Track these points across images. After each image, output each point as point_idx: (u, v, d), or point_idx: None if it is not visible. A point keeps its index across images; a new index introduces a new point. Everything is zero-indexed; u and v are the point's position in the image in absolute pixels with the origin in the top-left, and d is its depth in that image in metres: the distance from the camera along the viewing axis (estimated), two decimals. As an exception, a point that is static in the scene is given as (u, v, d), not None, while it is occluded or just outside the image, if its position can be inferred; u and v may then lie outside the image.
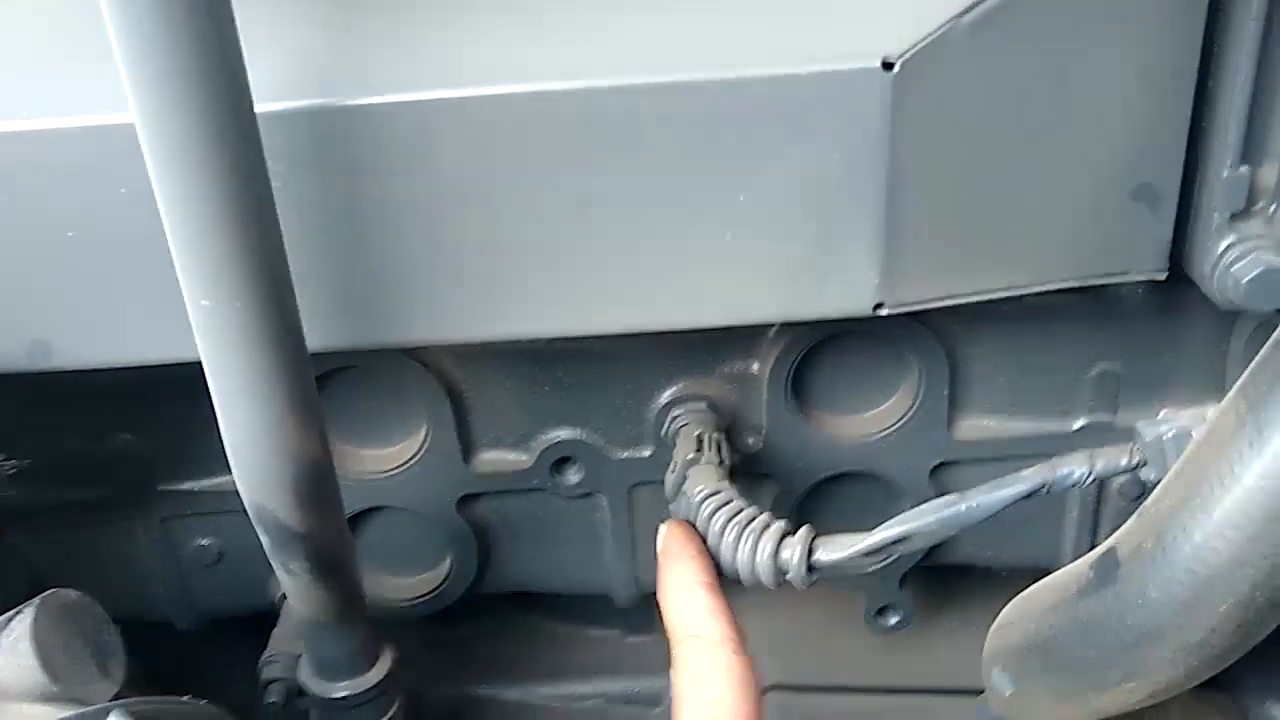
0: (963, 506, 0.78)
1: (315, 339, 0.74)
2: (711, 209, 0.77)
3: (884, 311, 0.81)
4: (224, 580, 1.01)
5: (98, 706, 0.66)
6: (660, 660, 1.17)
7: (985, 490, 0.79)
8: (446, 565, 1.02)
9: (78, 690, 0.67)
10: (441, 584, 1.02)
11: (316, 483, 0.75)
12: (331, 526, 0.79)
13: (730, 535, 0.81)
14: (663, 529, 0.83)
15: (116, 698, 0.69)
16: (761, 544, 0.80)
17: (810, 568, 0.79)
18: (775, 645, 1.10)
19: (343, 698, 0.90)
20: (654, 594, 0.84)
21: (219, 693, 1.03)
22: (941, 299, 0.82)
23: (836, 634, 1.13)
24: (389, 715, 0.93)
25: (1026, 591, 0.79)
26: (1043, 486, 0.78)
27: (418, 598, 1.02)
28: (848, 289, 0.80)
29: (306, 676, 0.91)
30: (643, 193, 0.76)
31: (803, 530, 0.80)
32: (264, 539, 0.77)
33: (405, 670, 0.96)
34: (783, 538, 0.80)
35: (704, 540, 0.82)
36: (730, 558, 0.81)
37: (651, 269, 0.79)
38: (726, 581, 0.81)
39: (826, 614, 1.13)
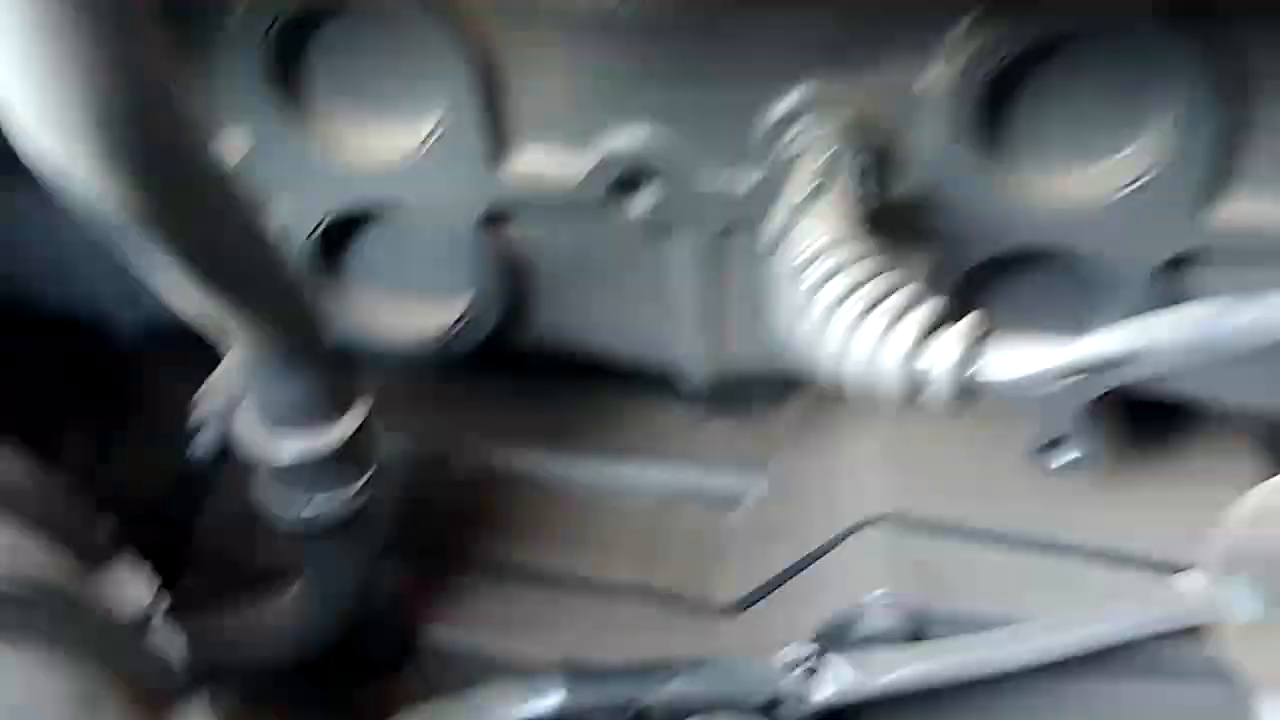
0: (1227, 325, 0.49)
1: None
2: None
3: None
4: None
5: None
6: (744, 452, 0.94)
7: (1262, 304, 0.48)
8: (464, 302, 0.75)
9: None
10: (458, 323, 0.76)
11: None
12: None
13: (847, 315, 0.52)
14: None
15: None
16: (894, 338, 0.51)
17: (967, 384, 0.50)
18: (893, 457, 0.83)
19: (286, 458, 0.66)
20: (737, 376, 0.71)
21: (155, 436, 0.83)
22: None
23: (980, 459, 0.84)
24: (356, 487, 0.69)
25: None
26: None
27: (427, 336, 0.77)
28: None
29: (244, 425, 0.67)
30: None
31: (966, 321, 0.51)
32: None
33: (403, 417, 0.77)
34: (933, 328, 0.51)
35: None
36: (836, 356, 0.52)
37: None
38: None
39: (969, 429, 0.84)
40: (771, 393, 0.93)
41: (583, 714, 0.77)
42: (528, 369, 0.93)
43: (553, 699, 0.76)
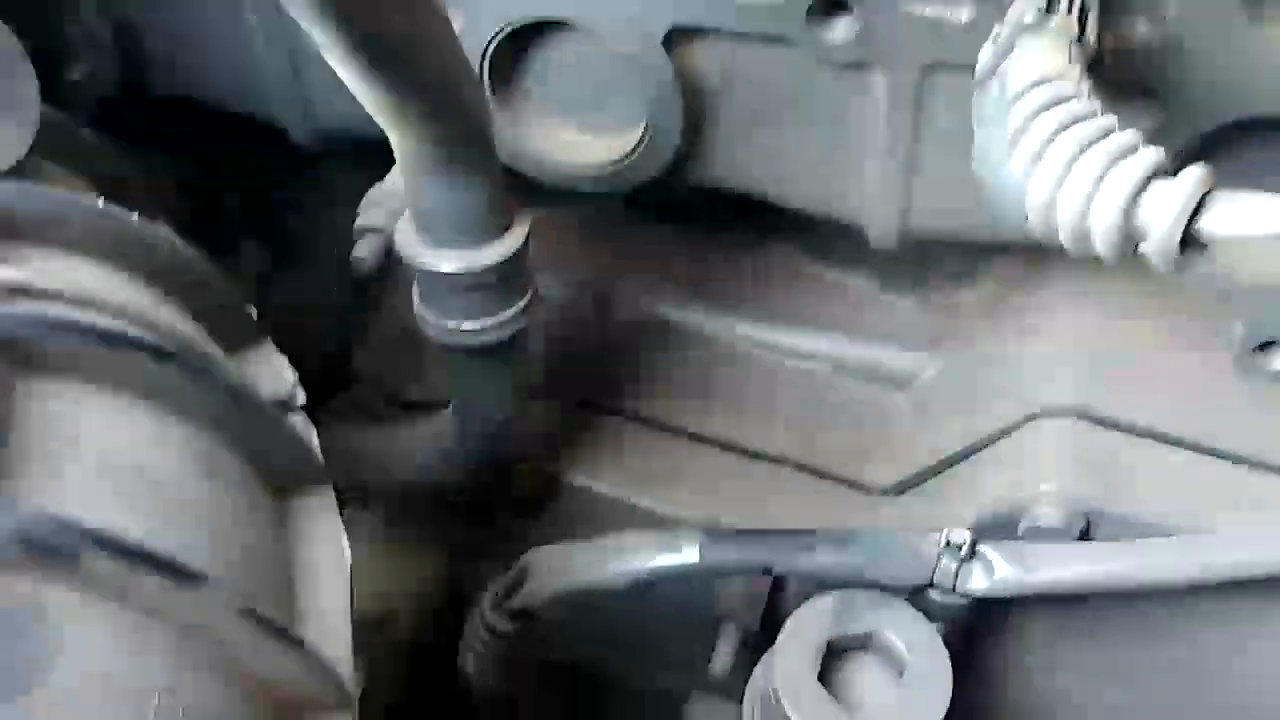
0: None
1: None
2: None
3: None
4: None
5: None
6: (920, 330, 0.88)
7: None
8: (640, 130, 0.70)
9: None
10: (631, 153, 0.71)
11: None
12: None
13: (1062, 153, 0.46)
14: None
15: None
16: (1114, 177, 0.45)
17: (1189, 237, 0.44)
18: (1083, 344, 0.76)
19: (446, 273, 0.63)
20: (924, 237, 0.67)
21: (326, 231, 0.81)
22: None
23: (1175, 361, 0.76)
24: (512, 311, 0.66)
25: None
26: None
27: (598, 166, 0.72)
28: None
29: (403, 233, 0.65)
30: None
31: (1190, 172, 0.45)
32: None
33: (563, 261, 0.75)
34: (1153, 176, 0.45)
35: None
36: (1047, 196, 0.46)
37: None
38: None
39: (1166, 328, 0.77)
40: (954, 272, 0.87)
41: (716, 573, 0.75)
42: (698, 221, 0.89)
43: (687, 555, 0.73)
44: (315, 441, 0.48)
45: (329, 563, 0.45)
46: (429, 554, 0.87)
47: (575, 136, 0.74)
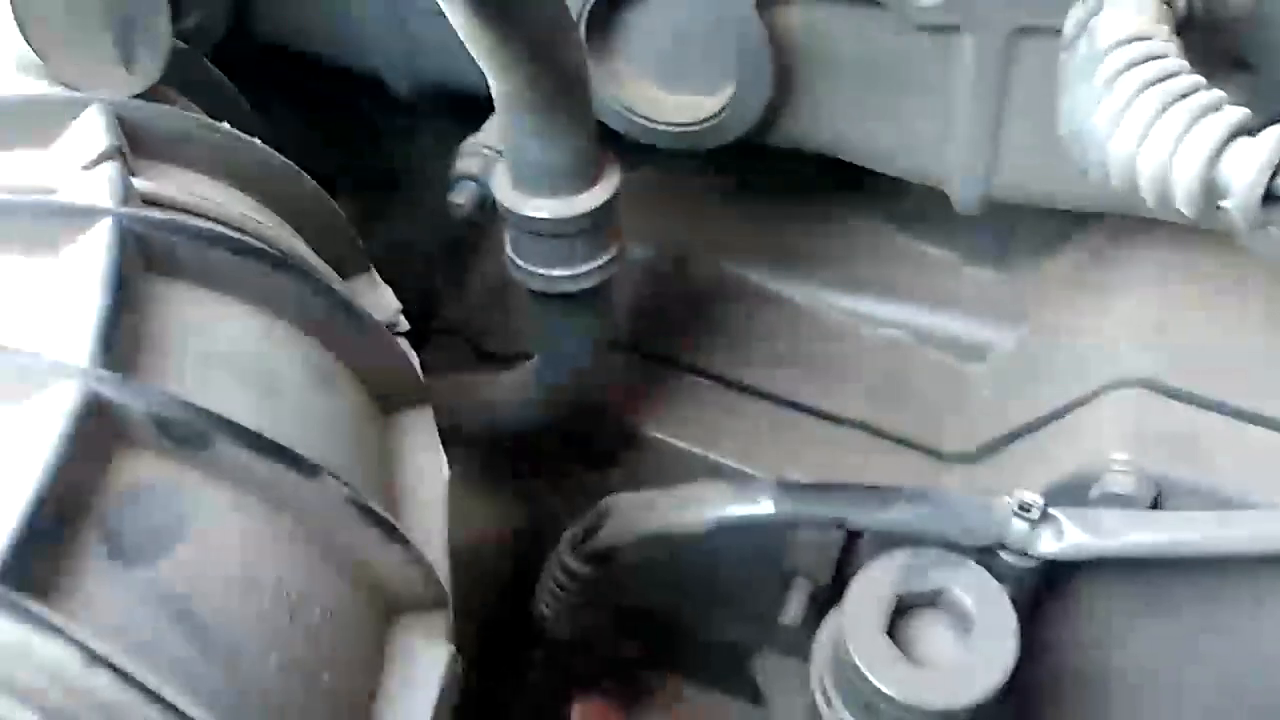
0: None
1: None
2: None
3: None
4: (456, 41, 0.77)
5: (74, 95, 0.44)
6: (998, 302, 0.89)
7: None
8: (729, 92, 0.72)
9: (79, 75, 0.45)
10: (718, 114, 0.73)
11: None
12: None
13: (1146, 108, 0.47)
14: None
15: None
16: (1198, 133, 0.46)
17: (1271, 194, 0.45)
18: (1158, 324, 0.76)
19: (539, 219, 0.66)
20: (1003, 207, 0.69)
21: (435, 176, 0.84)
22: None
23: (1250, 337, 0.76)
24: (598, 262, 0.68)
25: None
26: None
27: (684, 124, 0.74)
28: None
29: (499, 181, 0.67)
30: None
31: (1274, 129, 0.46)
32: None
33: (647, 220, 0.76)
34: (1235, 135, 0.46)
35: None
36: (1131, 150, 0.47)
37: None
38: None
39: (1244, 306, 0.77)
40: (1035, 245, 0.87)
41: (790, 524, 0.76)
42: (779, 186, 0.91)
43: (763, 505, 0.75)
44: (417, 362, 0.51)
45: (428, 475, 0.48)
46: (507, 500, 0.90)
47: (664, 95, 0.76)
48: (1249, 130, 0.47)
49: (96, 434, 0.35)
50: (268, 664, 0.37)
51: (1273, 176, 0.45)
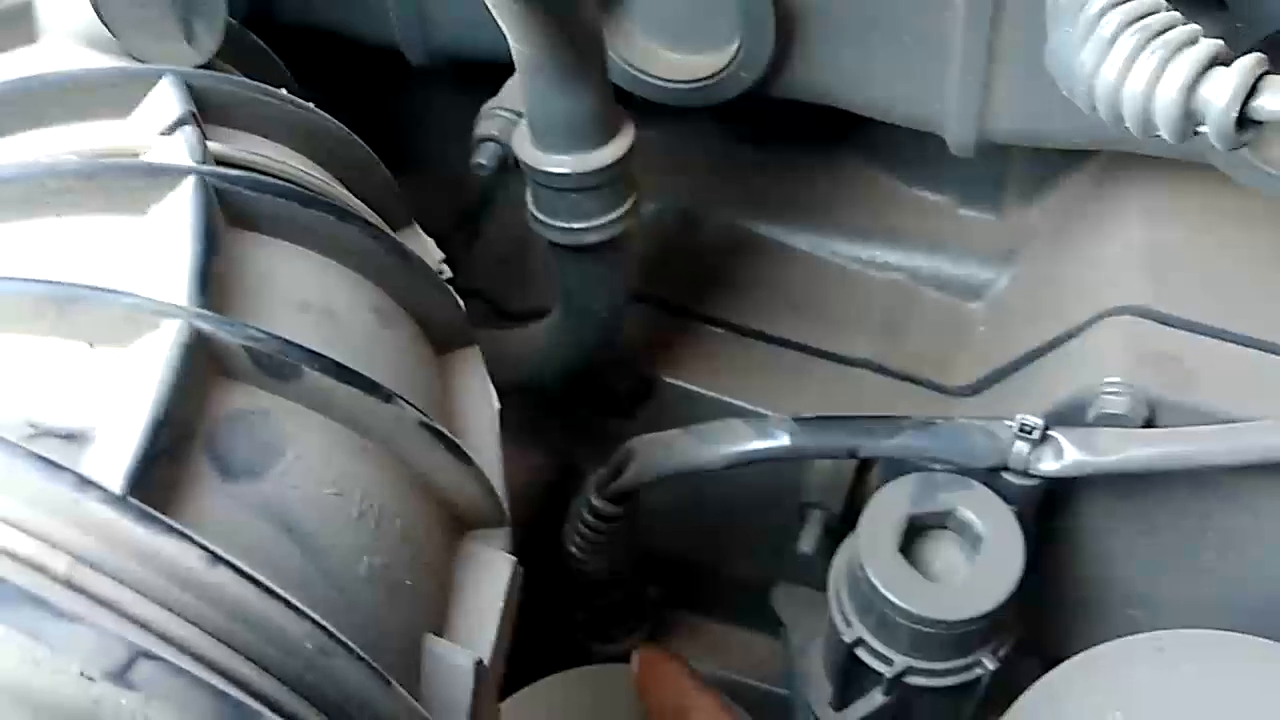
0: None
1: None
2: None
3: None
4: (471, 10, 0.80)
5: (146, 67, 0.48)
6: (994, 243, 0.93)
7: None
8: (734, 48, 0.76)
9: (147, 48, 0.49)
10: (723, 70, 0.77)
11: None
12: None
13: (1128, 44, 0.51)
14: (634, 658, 0.85)
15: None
16: (1178, 63, 0.50)
17: (1245, 117, 0.49)
18: (1147, 250, 0.80)
19: (559, 174, 0.70)
20: (997, 148, 0.74)
21: (448, 144, 0.87)
22: None
23: (1240, 265, 0.81)
24: (615, 214, 0.73)
25: None
26: None
27: (692, 81, 0.78)
28: None
29: (520, 141, 0.71)
30: None
31: (1247, 58, 0.50)
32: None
33: (655, 179, 0.79)
34: (1210, 66, 0.50)
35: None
36: (1114, 82, 0.52)
37: None
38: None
39: (1234, 235, 0.81)
40: (1028, 189, 0.91)
41: (805, 456, 0.81)
42: (782, 141, 0.95)
43: (779, 439, 0.79)
44: (463, 306, 0.55)
45: (480, 408, 0.52)
46: (534, 451, 0.94)
47: (673, 54, 0.79)
48: (1223, 61, 0.51)
49: (200, 366, 0.40)
50: (358, 569, 0.42)
51: (1245, 101, 0.49)
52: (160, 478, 0.38)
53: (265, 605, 0.37)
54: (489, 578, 0.47)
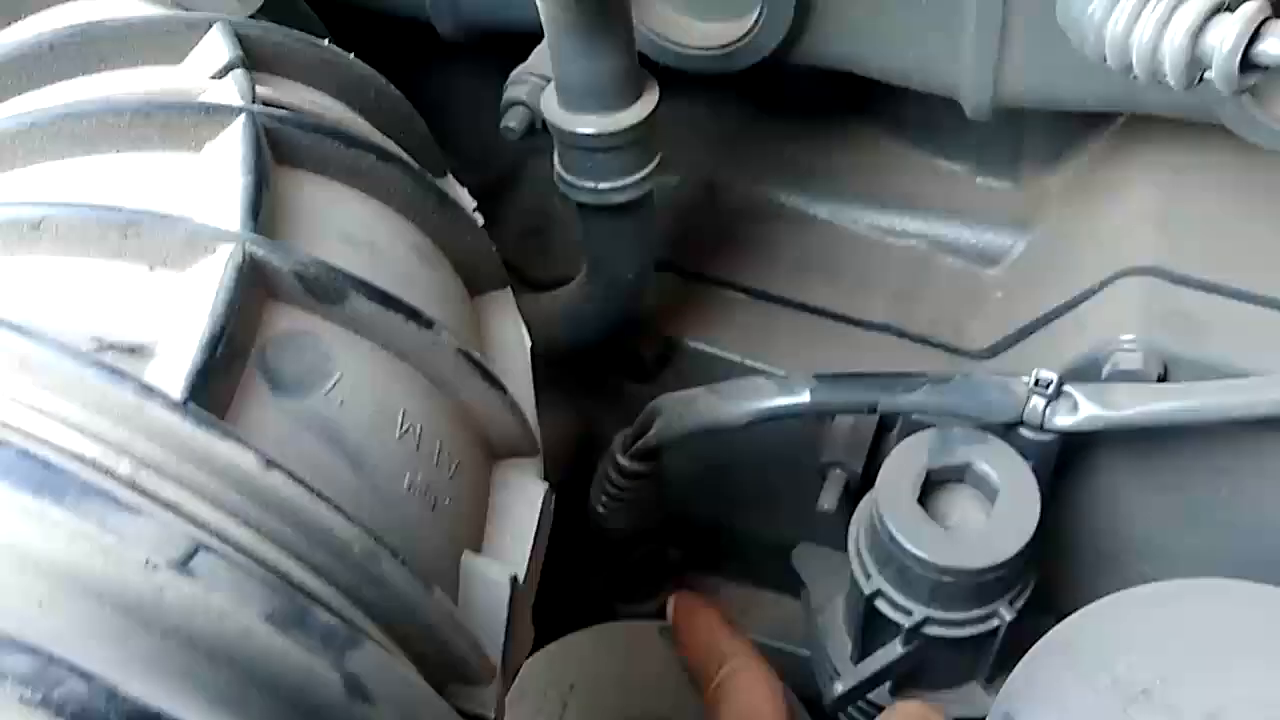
0: None
1: None
2: None
3: None
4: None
5: (198, 15, 0.50)
6: (1010, 210, 0.95)
7: None
8: (754, 15, 0.78)
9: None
10: (745, 36, 0.79)
11: None
12: None
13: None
14: (670, 602, 0.87)
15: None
16: (1183, 13, 0.52)
17: (1248, 61, 0.51)
18: (1160, 213, 0.82)
19: (587, 134, 0.72)
20: (1009, 111, 0.75)
21: (472, 119, 0.90)
22: None
23: (1254, 225, 0.82)
24: (640, 174, 0.75)
25: None
26: None
27: (715, 48, 0.80)
28: None
29: (548, 103, 0.74)
30: None
31: (1249, 5, 0.52)
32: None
33: (676, 150, 0.80)
34: (1215, 12, 0.52)
35: None
36: (1123, 31, 0.54)
37: None
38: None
39: (1250, 197, 0.83)
40: (1044, 156, 0.93)
41: (826, 411, 0.83)
42: (802, 110, 0.97)
43: (801, 396, 0.81)
44: (496, 254, 0.57)
45: (513, 344, 0.55)
46: (560, 413, 0.97)
47: (694, 22, 0.82)
48: (1228, 8, 0.53)
49: (252, 288, 0.42)
50: (401, 483, 0.44)
51: (1248, 46, 0.51)
52: (216, 389, 0.40)
53: (316, 508, 0.39)
54: (523, 500, 0.50)
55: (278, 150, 0.47)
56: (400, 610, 0.42)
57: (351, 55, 0.56)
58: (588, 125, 0.72)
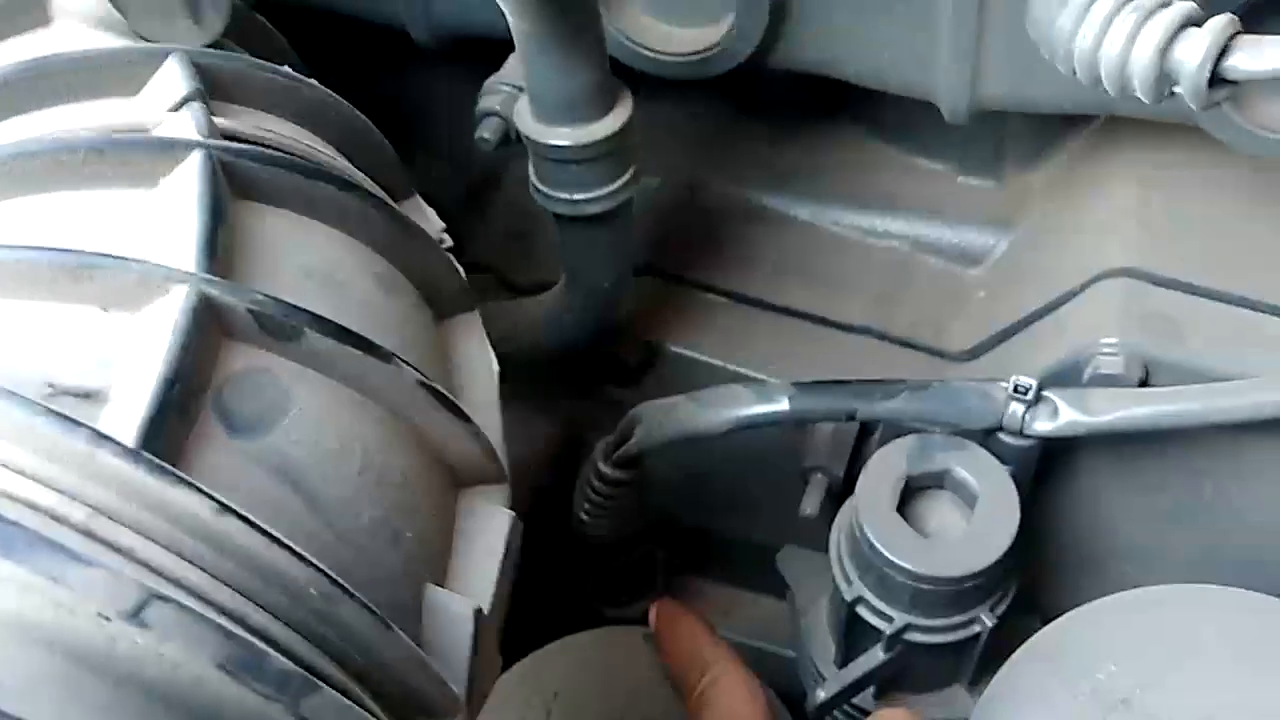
0: None
1: None
2: None
3: None
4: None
5: (154, 46, 0.50)
6: (991, 211, 0.94)
7: None
8: (729, 20, 0.78)
9: (155, 29, 0.52)
10: (719, 42, 0.79)
11: None
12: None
13: (1104, 9, 0.53)
14: (651, 611, 0.88)
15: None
16: (1151, 26, 0.52)
17: (1216, 76, 0.51)
18: (1140, 213, 0.81)
19: (560, 146, 0.72)
20: (990, 114, 0.76)
21: (454, 122, 0.89)
22: None
23: (1234, 226, 0.82)
24: (616, 185, 0.74)
25: None
26: None
27: (690, 54, 0.80)
28: None
29: (521, 114, 0.73)
30: None
31: (1217, 20, 0.51)
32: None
33: (654, 154, 0.80)
34: (1183, 27, 0.52)
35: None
36: (1091, 46, 0.53)
37: None
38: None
39: (1229, 197, 0.82)
40: (1025, 155, 0.93)
41: (805, 419, 0.83)
42: (780, 113, 0.96)
43: (779, 404, 0.81)
44: (463, 274, 0.57)
45: (480, 371, 0.54)
46: (541, 420, 0.96)
47: (669, 28, 0.81)
48: (1196, 22, 0.53)
49: (207, 329, 0.42)
50: (361, 520, 0.44)
51: (1217, 61, 0.51)
52: (171, 433, 0.40)
53: (271, 553, 0.39)
54: (488, 530, 0.49)
55: (235, 184, 0.47)
56: (359, 649, 0.42)
57: (313, 80, 0.55)
58: (561, 137, 0.72)
